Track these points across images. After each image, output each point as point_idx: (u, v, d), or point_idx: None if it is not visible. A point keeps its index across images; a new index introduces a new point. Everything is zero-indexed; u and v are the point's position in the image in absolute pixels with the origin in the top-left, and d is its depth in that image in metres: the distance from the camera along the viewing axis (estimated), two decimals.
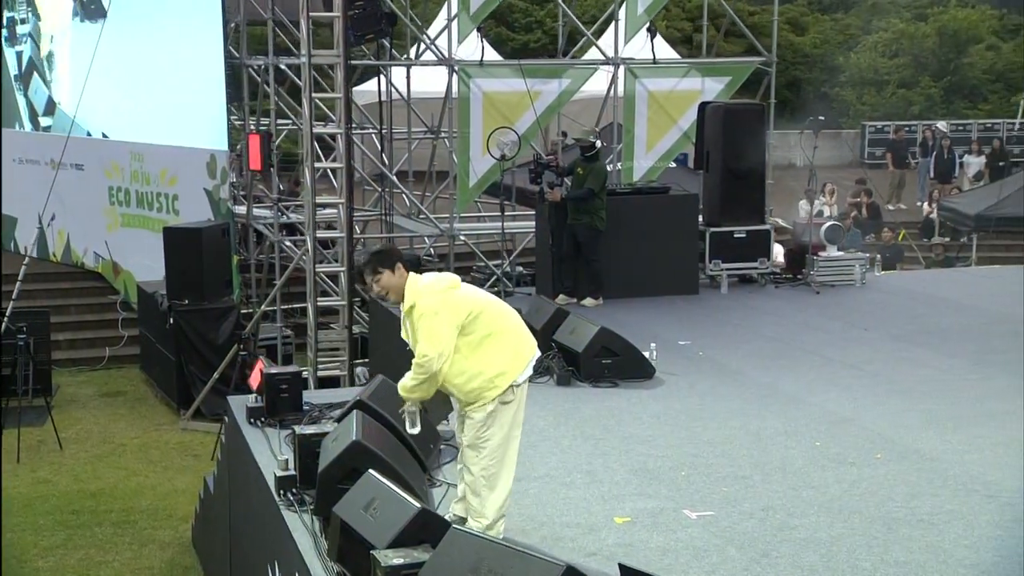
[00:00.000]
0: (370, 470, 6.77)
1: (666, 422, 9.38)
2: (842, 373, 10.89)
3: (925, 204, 27.09)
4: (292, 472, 7.73)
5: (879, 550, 6.85)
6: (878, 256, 16.08)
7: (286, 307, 17.47)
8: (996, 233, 20.00)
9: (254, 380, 9.63)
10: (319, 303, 15.16)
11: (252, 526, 8.72)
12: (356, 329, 15.96)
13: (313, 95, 14.92)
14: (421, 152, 19.81)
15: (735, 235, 14.60)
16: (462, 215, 17.69)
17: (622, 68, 17.24)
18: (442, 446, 8.64)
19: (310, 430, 7.86)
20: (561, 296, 13.60)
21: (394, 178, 17.52)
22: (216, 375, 15.86)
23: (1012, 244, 21.45)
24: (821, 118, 15.71)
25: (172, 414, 16.50)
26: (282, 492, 7.66)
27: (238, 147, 18.62)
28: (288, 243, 17.57)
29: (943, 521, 7.28)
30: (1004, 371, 10.95)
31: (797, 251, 15.23)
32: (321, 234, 15.35)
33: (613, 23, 17.52)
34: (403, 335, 7.02)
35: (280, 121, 19.59)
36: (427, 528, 6.16)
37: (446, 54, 16.94)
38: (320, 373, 15.23)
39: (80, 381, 18.15)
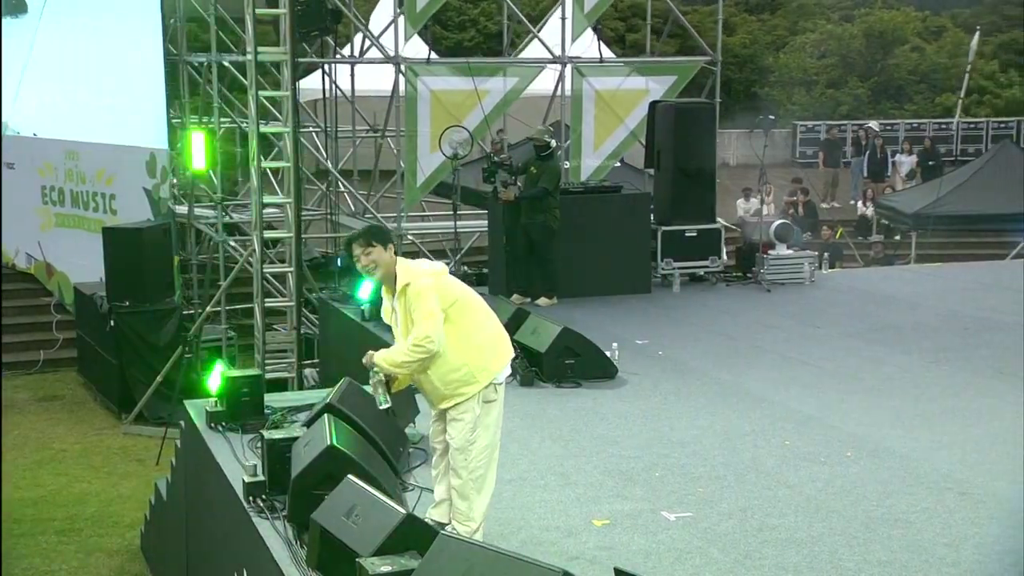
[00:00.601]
0: (349, 476, 6.62)
1: (634, 422, 9.31)
2: (802, 371, 10.90)
3: (859, 203, 27.36)
4: (261, 478, 7.55)
5: (860, 550, 6.82)
6: (826, 254, 16.15)
7: (230, 308, 17.21)
8: (934, 231, 20.19)
9: (213, 384, 9.42)
10: (266, 304, 14.93)
11: (216, 533, 8.52)
12: (302, 330, 15.75)
13: (260, 93, 14.66)
14: (362, 151, 19.62)
15: (686, 234, 14.60)
16: (408, 214, 17.52)
17: (569, 67, 17.18)
18: (410, 449, 8.50)
19: (278, 435, 7.69)
20: (515, 295, 13.51)
21: (340, 177, 17.32)
22: (159, 378, 15.58)
23: (947, 242, 21.65)
24: (771, 117, 15.76)
25: (113, 418, 16.18)
26: (251, 498, 7.48)
27: (179, 145, 18.31)
28: (232, 243, 17.30)
29: (921, 520, 7.27)
30: (961, 368, 11.03)
31: (746, 249, 15.26)
32: (269, 234, 15.12)
33: (561, 22, 17.42)
34: (385, 316, 6.91)
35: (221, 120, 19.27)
36: (413, 534, 6.03)
37: (391, 52, 16.78)
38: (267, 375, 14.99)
39: (15, 385, 17.75)
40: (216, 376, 9.47)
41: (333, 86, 18.03)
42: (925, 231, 19.79)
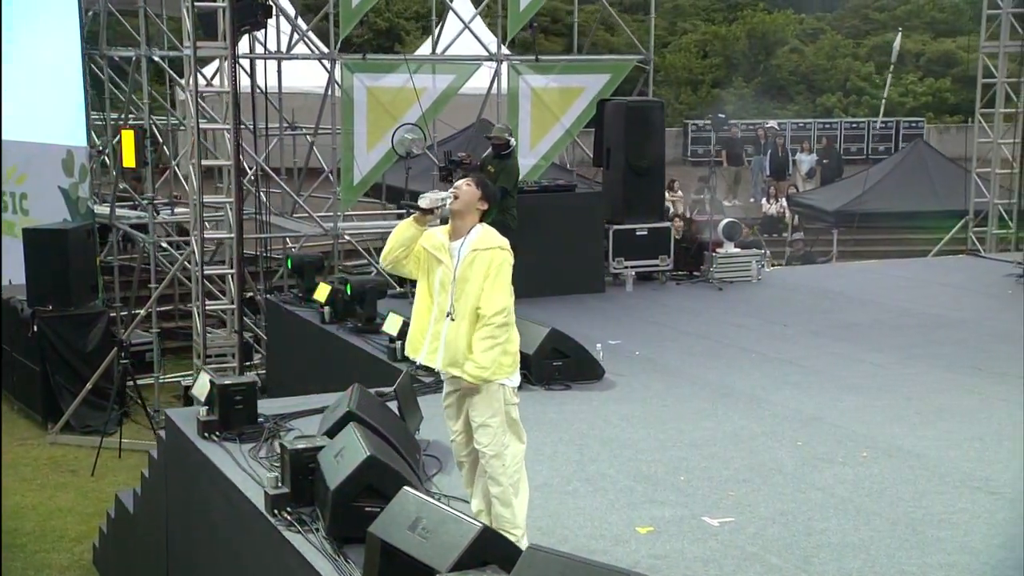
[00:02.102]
0: (405, 487, 6.31)
1: (639, 425, 9.10)
2: (786, 370, 10.82)
3: (764, 200, 27.60)
4: (285, 490, 7.18)
5: (916, 553, 6.71)
6: (768, 252, 16.19)
7: (162, 309, 16.61)
8: (856, 228, 20.42)
9: (202, 391, 8.95)
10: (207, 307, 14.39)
11: (222, 548, 8.09)
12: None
13: (199, 89, 14.14)
14: (287, 150, 19.11)
15: (637, 232, 14.46)
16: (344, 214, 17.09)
17: (505, 64, 16.95)
18: (424, 456, 8.19)
19: (301, 445, 7.32)
20: None
21: (275, 176, 16.83)
22: (89, 385, 14.94)
23: (865, 239, 21.91)
24: (722, 115, 15.73)
25: (36, 427, 15.44)
26: (276, 511, 7.11)
27: (99, 143, 17.60)
28: (165, 244, 16.69)
29: (964, 521, 7.19)
30: (934, 366, 11.06)
31: (693, 248, 15.20)
32: (210, 235, 14.58)
33: (499, 19, 17.19)
34: (428, 243, 6.51)
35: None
36: (489, 548, 5.75)
37: (323, 48, 16.38)
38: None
39: None
40: (203, 384, 9.01)
41: (254, 82, 17.45)
42: (849, 228, 19.99)
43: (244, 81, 17.47)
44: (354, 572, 6.32)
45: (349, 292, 12.09)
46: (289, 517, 7.00)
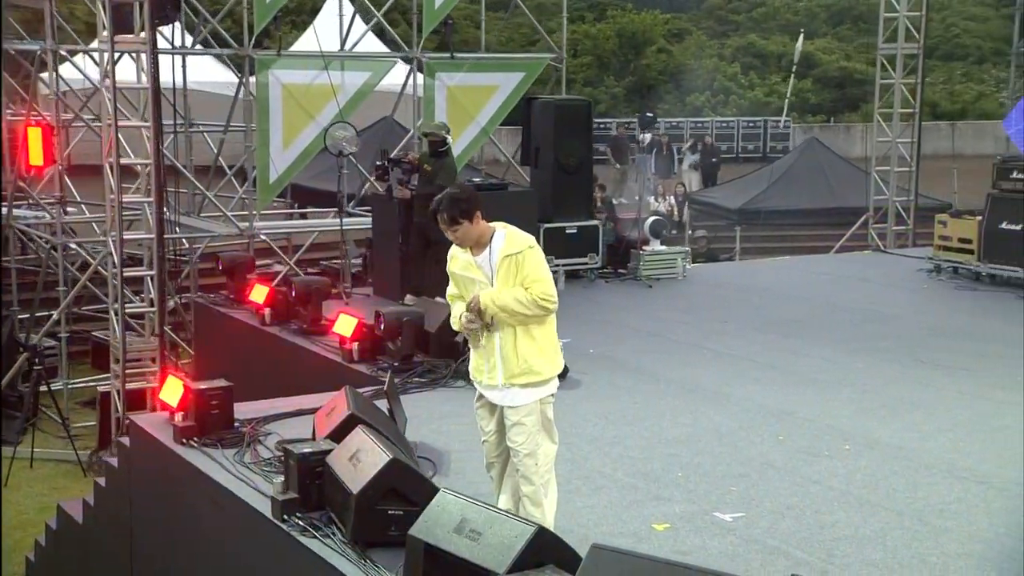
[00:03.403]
0: (443, 489, 6.21)
1: (619, 423, 9.12)
2: (742, 366, 10.95)
3: (652, 199, 27.89)
4: (293, 495, 7.02)
5: (931, 544, 6.85)
6: (688, 250, 16.36)
7: (78, 311, 16.10)
8: (759, 225, 20.79)
9: (173, 396, 8.70)
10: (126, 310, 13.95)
11: (214, 554, 7.87)
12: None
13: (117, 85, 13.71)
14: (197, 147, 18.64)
15: (567, 231, 14.48)
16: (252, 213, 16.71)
17: (422, 63, 16.83)
18: (417, 458, 8.08)
19: (307, 449, 7.17)
20: (408, 296, 13.07)
21: (187, 173, 16.43)
22: None
23: (767, 236, 22.27)
24: (650, 114, 15.84)
25: None
26: (286, 517, 6.94)
27: None
28: (74, 246, 16.17)
29: (967, 511, 7.37)
30: (881, 359, 11.31)
31: (620, 245, 15.28)
32: (130, 235, 14.12)
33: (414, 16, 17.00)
34: (457, 267, 6.67)
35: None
36: (545, 548, 5.70)
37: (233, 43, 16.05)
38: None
39: None
40: (174, 388, 8.75)
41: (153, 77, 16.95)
42: (754, 225, 20.34)
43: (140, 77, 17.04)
44: (383, 575, 6.23)
45: (294, 293, 11.86)
46: (302, 522, 6.86)
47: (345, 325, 10.86)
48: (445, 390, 9.92)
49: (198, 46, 18.15)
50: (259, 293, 12.50)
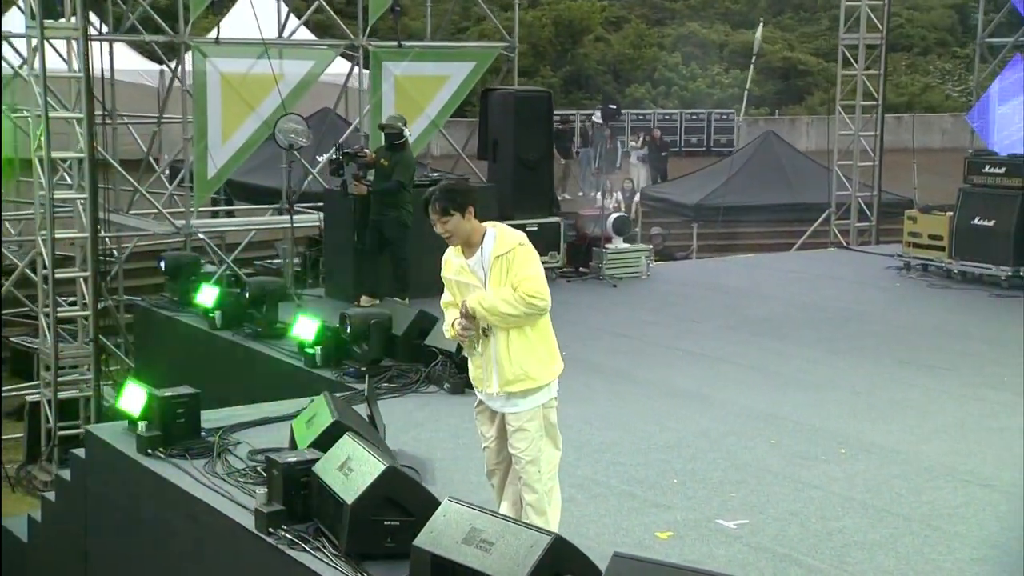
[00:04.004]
0: (449, 498, 6.21)
1: (605, 428, 9.16)
2: (721, 367, 11.07)
3: (598, 195, 27.99)
4: (279, 507, 6.99)
5: (943, 549, 6.96)
6: (651, 247, 16.47)
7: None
8: (716, 222, 20.96)
9: (135, 404, 8.61)
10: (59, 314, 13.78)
11: (191, 569, 7.81)
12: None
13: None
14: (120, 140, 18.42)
15: (527, 228, 14.44)
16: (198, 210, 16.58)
17: (367, 50, 16.79)
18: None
19: (292, 459, 7.14)
20: (363, 297, 13.04)
21: (119, 168, 16.24)
22: None
23: (725, 232, 22.39)
24: (612, 106, 15.92)
25: None
26: (271, 530, 6.91)
27: None
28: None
29: (971, 515, 7.50)
30: (861, 359, 11.49)
31: (581, 243, 15.35)
32: (61, 234, 13.93)
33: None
34: (451, 271, 6.58)
35: None
36: (562, 557, 5.72)
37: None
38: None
39: None
40: (135, 396, 8.66)
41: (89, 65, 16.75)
42: (712, 222, 20.51)
43: (61, 65, 16.82)
44: None
45: (247, 295, 11.78)
46: (289, 535, 6.83)
47: (306, 328, 10.81)
48: (418, 396, 9.90)
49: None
50: (207, 295, 12.41)
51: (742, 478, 8.13)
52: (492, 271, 6.39)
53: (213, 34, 15.93)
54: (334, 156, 13.09)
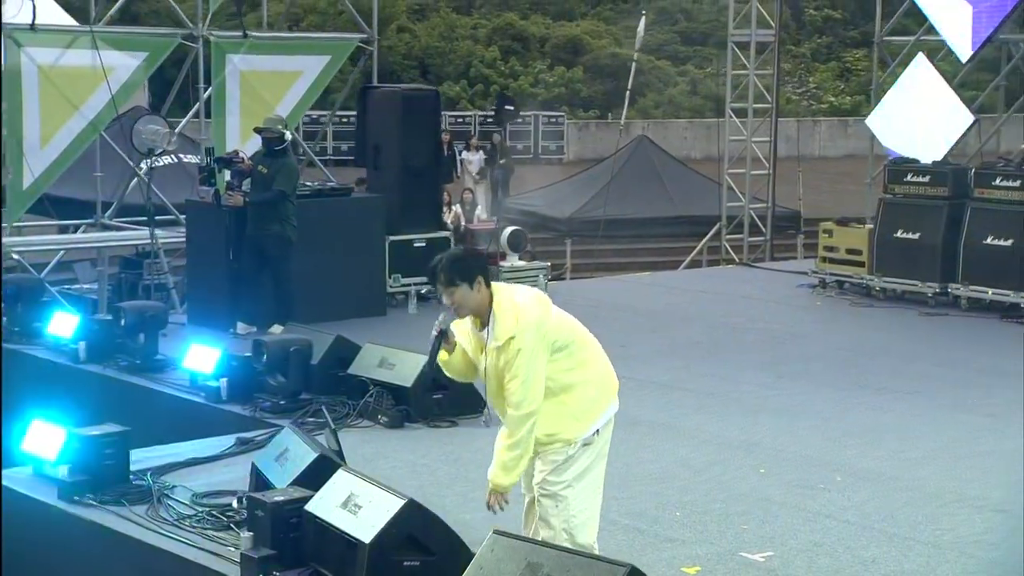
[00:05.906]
0: (494, 531, 6.56)
1: None
2: (674, 395, 11.69)
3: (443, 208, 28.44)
4: (270, 551, 7.26)
5: None
6: (549, 264, 16.98)
7: None
8: (595, 238, 21.52)
9: (48, 446, 8.72)
10: None
11: None
12: None
13: None
14: None
15: (415, 244, 14.86)
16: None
17: (209, 41, 16.98)
18: None
19: (279, 497, 7.41)
20: (240, 324, 13.26)
21: None
22: None
23: (602, 250, 22.80)
24: (510, 107, 16.40)
25: None
26: None
27: None
28: None
29: (1000, 541, 8.23)
30: (816, 384, 12.27)
31: None
32: None
33: None
34: (461, 338, 6.88)
35: None
36: None
37: None
38: None
39: None
40: (47, 437, 8.77)
41: None
42: (592, 238, 21.11)
43: None
44: None
45: (122, 323, 11.87)
46: None
47: (202, 359, 10.99)
48: (353, 430, 10.19)
49: None
50: (64, 323, 12.43)
51: (746, 509, 8.68)
52: (490, 361, 6.74)
53: (28, 18, 15.80)
54: (205, 162, 13.28)
